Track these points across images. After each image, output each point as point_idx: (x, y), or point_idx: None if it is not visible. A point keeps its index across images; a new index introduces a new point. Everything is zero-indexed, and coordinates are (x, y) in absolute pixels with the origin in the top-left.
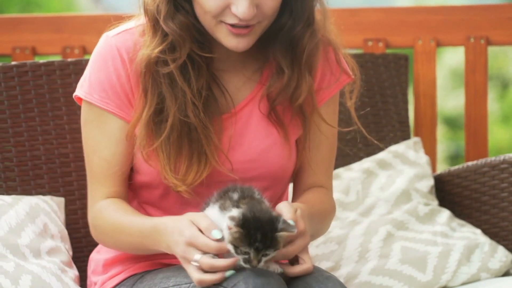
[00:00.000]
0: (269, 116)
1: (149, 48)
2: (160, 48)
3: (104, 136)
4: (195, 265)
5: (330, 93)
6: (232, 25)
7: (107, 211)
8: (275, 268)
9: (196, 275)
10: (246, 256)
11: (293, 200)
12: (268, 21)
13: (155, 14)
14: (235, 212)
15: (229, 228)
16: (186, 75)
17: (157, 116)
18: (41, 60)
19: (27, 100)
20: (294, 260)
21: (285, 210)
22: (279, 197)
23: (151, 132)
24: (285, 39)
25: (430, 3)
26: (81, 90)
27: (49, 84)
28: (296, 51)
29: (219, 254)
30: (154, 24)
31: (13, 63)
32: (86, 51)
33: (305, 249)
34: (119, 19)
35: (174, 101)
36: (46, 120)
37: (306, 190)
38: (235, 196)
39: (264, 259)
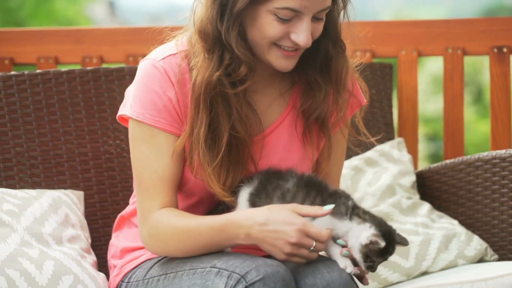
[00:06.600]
0: (303, 135)
1: (206, 71)
2: (219, 72)
3: (154, 150)
4: (309, 250)
5: (349, 115)
6: (284, 48)
7: (166, 217)
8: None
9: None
10: (371, 264)
11: None
12: None
13: (219, 39)
14: (372, 228)
15: (372, 242)
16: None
17: (212, 133)
18: (63, 69)
19: (50, 104)
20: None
21: None
22: None
23: (208, 148)
24: (320, 58)
25: (412, 17)
26: (131, 111)
27: (70, 90)
28: (329, 69)
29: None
30: (211, 47)
31: (38, 71)
32: (103, 60)
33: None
34: (136, 32)
35: (228, 119)
36: (67, 123)
37: None
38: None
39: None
